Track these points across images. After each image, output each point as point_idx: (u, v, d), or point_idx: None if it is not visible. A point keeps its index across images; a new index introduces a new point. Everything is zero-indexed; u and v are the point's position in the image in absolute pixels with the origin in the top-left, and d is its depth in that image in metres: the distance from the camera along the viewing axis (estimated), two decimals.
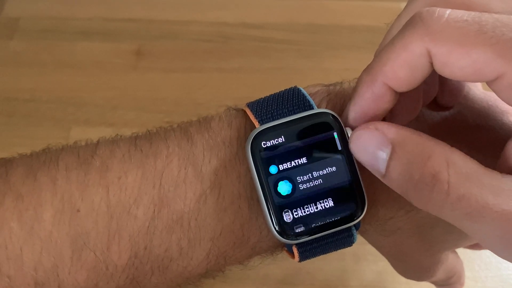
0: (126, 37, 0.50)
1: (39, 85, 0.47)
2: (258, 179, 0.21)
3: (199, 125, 0.22)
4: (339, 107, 0.22)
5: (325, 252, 0.22)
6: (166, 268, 0.21)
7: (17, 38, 0.50)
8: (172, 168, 0.21)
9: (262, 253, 0.23)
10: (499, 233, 0.18)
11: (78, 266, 0.20)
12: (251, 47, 0.49)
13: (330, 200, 0.21)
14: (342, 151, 0.21)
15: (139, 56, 0.49)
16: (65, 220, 0.20)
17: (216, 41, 0.50)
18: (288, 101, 0.22)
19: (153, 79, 0.48)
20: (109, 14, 0.52)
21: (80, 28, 0.51)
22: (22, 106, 0.46)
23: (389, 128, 0.19)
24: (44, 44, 0.50)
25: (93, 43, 0.50)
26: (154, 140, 0.22)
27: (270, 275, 0.37)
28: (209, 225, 0.21)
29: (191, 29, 0.51)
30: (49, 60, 0.49)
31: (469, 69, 0.18)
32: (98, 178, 0.21)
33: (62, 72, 0.48)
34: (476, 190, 0.17)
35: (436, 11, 0.18)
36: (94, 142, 0.22)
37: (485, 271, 0.37)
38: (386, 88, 0.19)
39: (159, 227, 0.21)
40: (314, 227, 0.21)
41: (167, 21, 0.51)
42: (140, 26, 0.51)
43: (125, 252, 0.21)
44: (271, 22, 0.51)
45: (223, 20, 0.51)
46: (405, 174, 0.19)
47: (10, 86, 0.47)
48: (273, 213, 0.21)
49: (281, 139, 0.21)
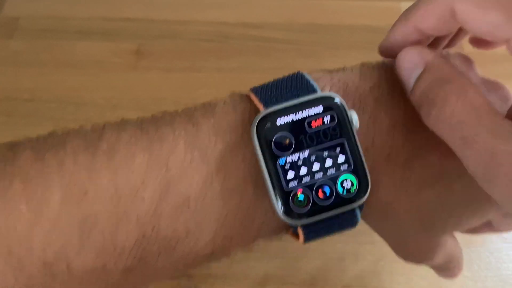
0: (126, 37, 0.50)
1: (39, 84, 0.47)
2: (263, 162, 0.21)
3: (204, 110, 0.23)
4: (342, 91, 0.23)
5: (329, 232, 0.22)
6: (173, 249, 0.22)
7: (17, 37, 0.50)
8: (179, 152, 0.21)
9: (267, 235, 0.24)
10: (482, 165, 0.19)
11: (86, 247, 0.20)
12: (251, 47, 0.49)
13: (335, 182, 0.21)
14: (347, 135, 0.21)
15: (139, 55, 0.49)
16: (73, 202, 0.20)
17: (216, 40, 0.50)
18: (292, 86, 0.22)
19: (153, 78, 0.48)
20: (108, 13, 0.52)
21: (79, 27, 0.51)
22: (21, 106, 0.46)
23: (428, 53, 0.22)
24: (44, 43, 0.50)
25: (93, 43, 0.50)
26: (160, 124, 0.22)
27: (270, 275, 0.37)
28: (215, 207, 0.21)
29: (191, 28, 0.51)
30: (48, 60, 0.49)
31: (485, 28, 0.20)
32: (106, 161, 0.21)
33: (61, 72, 0.48)
34: (474, 121, 0.19)
35: None
36: (100, 126, 0.22)
37: (485, 271, 0.37)
38: (415, 29, 0.23)
39: (166, 209, 0.21)
40: (319, 208, 0.21)
41: (167, 20, 0.51)
42: (140, 26, 0.51)
43: (133, 233, 0.21)
44: (271, 22, 0.51)
45: (223, 20, 0.51)
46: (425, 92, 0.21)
47: (9, 86, 0.47)
48: (278, 195, 0.21)
49: (285, 122, 0.21)
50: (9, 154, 0.21)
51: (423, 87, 0.21)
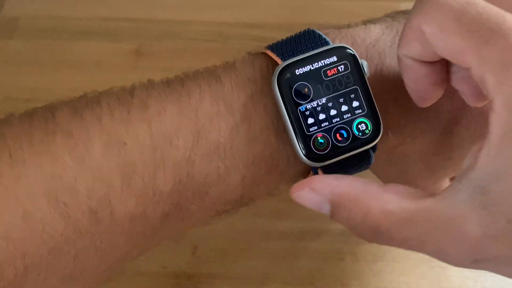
0: (125, 37, 0.50)
1: (39, 84, 0.47)
2: (285, 110, 0.23)
3: (224, 67, 0.25)
4: (350, 44, 0.25)
5: (347, 172, 0.24)
6: (206, 193, 0.23)
7: (17, 37, 0.50)
8: (205, 104, 0.23)
9: (289, 180, 0.25)
10: None
11: (128, 193, 0.22)
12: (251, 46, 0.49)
13: (351, 125, 0.23)
14: (359, 82, 0.23)
15: (139, 55, 0.49)
16: (114, 152, 0.22)
17: (216, 40, 0.50)
18: (305, 40, 0.24)
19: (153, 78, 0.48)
20: (108, 13, 0.52)
21: (79, 27, 0.51)
22: (21, 106, 0.45)
23: (324, 188, 0.22)
24: (44, 43, 0.50)
25: (93, 43, 0.50)
26: (186, 81, 0.24)
27: (270, 275, 0.37)
28: (242, 153, 0.23)
29: (191, 28, 0.51)
30: (48, 60, 0.49)
31: (448, 52, 0.20)
32: (140, 114, 0.22)
33: (61, 72, 0.48)
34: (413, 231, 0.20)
35: None
36: (130, 86, 0.24)
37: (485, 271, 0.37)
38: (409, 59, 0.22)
39: (198, 156, 0.23)
40: (338, 150, 0.23)
41: (166, 20, 0.51)
42: (139, 26, 0.51)
43: (170, 179, 0.22)
44: (271, 21, 0.51)
45: (223, 20, 0.51)
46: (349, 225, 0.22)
47: (9, 86, 0.47)
48: (300, 140, 0.23)
49: (303, 72, 0.23)
50: (48, 114, 0.23)
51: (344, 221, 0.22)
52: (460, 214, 0.19)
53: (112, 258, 0.23)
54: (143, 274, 0.37)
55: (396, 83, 0.25)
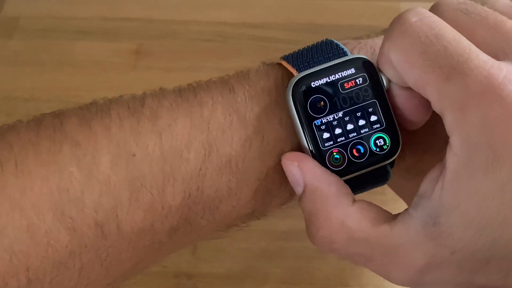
0: (125, 37, 0.50)
1: (39, 84, 0.47)
2: (299, 124, 0.22)
3: (238, 77, 0.24)
4: (370, 55, 0.24)
5: (364, 189, 0.23)
6: (216, 208, 0.23)
7: (17, 37, 0.50)
8: (218, 116, 0.22)
9: None
10: None
11: (136, 206, 0.21)
12: (251, 46, 0.49)
13: (369, 140, 0.22)
14: (378, 95, 0.22)
15: (139, 55, 0.49)
16: (122, 164, 0.21)
17: (216, 40, 0.50)
18: (322, 51, 0.23)
19: (153, 78, 0.48)
20: (108, 13, 0.52)
21: (79, 27, 0.51)
22: (21, 105, 0.46)
23: (307, 172, 0.22)
24: (44, 43, 0.50)
25: (93, 43, 0.50)
26: (198, 91, 0.23)
27: (269, 275, 0.37)
28: (255, 167, 0.23)
29: (190, 28, 0.51)
30: (48, 60, 0.49)
31: (411, 82, 0.20)
32: (150, 125, 0.22)
33: (61, 72, 0.48)
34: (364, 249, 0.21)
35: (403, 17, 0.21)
36: (141, 94, 0.23)
37: None
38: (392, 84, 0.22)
39: (209, 170, 0.22)
40: (354, 166, 0.22)
41: (166, 20, 0.51)
42: (139, 26, 0.51)
43: (179, 193, 0.22)
44: (271, 22, 0.51)
45: (222, 20, 0.51)
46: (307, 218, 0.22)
47: (9, 85, 0.47)
48: (316, 156, 0.22)
49: (319, 84, 0.22)
50: (56, 122, 0.22)
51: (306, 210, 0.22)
52: (409, 242, 0.20)
53: (118, 271, 0.23)
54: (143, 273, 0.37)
55: None
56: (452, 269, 0.20)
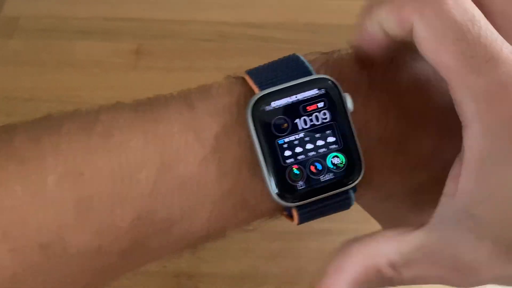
0: (125, 37, 0.50)
1: (39, 84, 0.47)
2: (258, 144, 0.21)
3: (199, 92, 0.23)
4: (337, 74, 0.23)
5: (324, 214, 0.23)
6: (168, 230, 0.22)
7: (17, 37, 0.50)
8: (174, 134, 0.21)
9: (262, 216, 0.24)
10: None
11: (82, 228, 0.20)
12: (251, 46, 0.49)
13: (329, 164, 0.22)
14: (340, 117, 0.22)
15: (139, 55, 0.49)
16: (69, 183, 0.20)
17: (216, 40, 0.50)
18: (287, 68, 0.23)
19: (153, 78, 0.48)
20: (108, 13, 0.52)
21: (79, 27, 0.51)
22: (21, 105, 0.46)
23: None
24: (44, 43, 0.50)
25: (93, 43, 0.50)
26: (155, 106, 0.22)
27: (269, 275, 0.37)
28: (210, 189, 0.22)
29: (190, 28, 0.51)
30: (48, 59, 0.49)
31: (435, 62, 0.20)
32: (101, 143, 0.21)
33: (61, 71, 0.48)
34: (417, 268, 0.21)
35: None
36: (95, 108, 0.22)
37: None
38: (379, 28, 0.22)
39: (161, 191, 0.21)
40: (313, 189, 0.22)
41: (166, 20, 0.51)
42: (139, 26, 0.51)
43: (128, 215, 0.21)
44: (271, 21, 0.51)
45: (223, 20, 0.51)
46: None
47: (9, 85, 0.47)
48: (273, 177, 0.21)
49: (280, 104, 0.22)
50: (4, 136, 0.21)
51: None
52: (450, 242, 0.20)
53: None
54: (143, 273, 0.37)
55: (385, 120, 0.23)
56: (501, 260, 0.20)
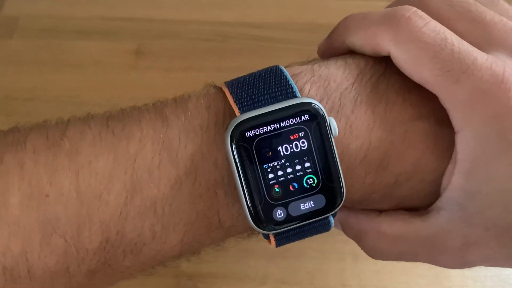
0: (125, 36, 0.50)
1: (38, 84, 0.47)
2: (236, 169, 0.20)
3: (175, 106, 0.22)
4: (323, 90, 0.22)
5: (301, 238, 0.22)
6: (139, 251, 0.21)
7: (17, 37, 0.50)
8: (146, 153, 0.20)
9: (238, 235, 0.23)
10: None
11: (48, 250, 0.20)
12: (250, 46, 0.49)
13: (310, 191, 0.21)
14: (323, 142, 0.21)
15: (139, 55, 0.49)
16: (33, 205, 0.19)
17: (216, 40, 0.50)
18: (270, 85, 0.21)
19: (153, 78, 0.48)
20: (108, 13, 0.52)
21: (79, 27, 0.51)
22: (21, 105, 0.46)
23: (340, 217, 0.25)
24: (44, 43, 0.50)
25: (93, 42, 0.50)
26: (127, 121, 0.21)
27: (269, 275, 0.37)
28: (183, 211, 0.21)
29: (190, 28, 0.51)
30: (48, 59, 0.49)
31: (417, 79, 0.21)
32: (68, 162, 0.20)
33: (61, 71, 0.48)
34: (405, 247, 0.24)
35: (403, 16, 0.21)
36: (65, 121, 0.22)
37: (485, 271, 0.37)
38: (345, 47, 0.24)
39: (131, 213, 0.20)
40: (292, 217, 0.21)
41: (166, 20, 0.51)
42: (139, 25, 0.51)
43: (96, 237, 0.20)
44: (271, 21, 0.51)
45: (222, 20, 0.51)
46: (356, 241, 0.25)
47: (9, 85, 0.47)
48: (250, 203, 0.21)
49: (261, 129, 0.21)
50: None
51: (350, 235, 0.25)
52: (442, 229, 0.22)
53: None
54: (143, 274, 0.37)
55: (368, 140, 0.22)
56: (492, 244, 0.22)
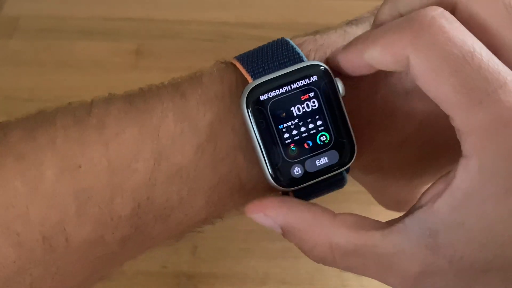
0: (125, 37, 0.50)
1: (39, 84, 0.47)
2: (253, 131, 0.22)
3: (190, 81, 0.23)
4: (326, 56, 0.23)
5: (318, 194, 0.23)
6: (168, 216, 0.22)
7: (17, 37, 0.50)
8: (168, 123, 0.22)
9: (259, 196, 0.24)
10: None
11: (84, 219, 0.21)
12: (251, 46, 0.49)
13: (324, 148, 0.22)
14: (333, 102, 0.22)
15: (139, 55, 0.49)
16: (68, 176, 0.21)
17: (216, 40, 0.50)
18: (278, 54, 0.23)
19: (153, 78, 0.47)
20: (108, 13, 0.52)
21: (79, 27, 0.51)
22: (21, 105, 0.46)
23: (276, 216, 0.22)
24: (44, 43, 0.50)
25: (93, 43, 0.50)
26: (148, 96, 0.23)
27: (269, 275, 0.37)
28: (207, 175, 0.22)
29: (191, 28, 0.51)
30: (48, 59, 0.49)
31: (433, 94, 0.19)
32: (96, 135, 0.21)
33: (61, 72, 0.48)
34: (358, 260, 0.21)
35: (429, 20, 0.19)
36: (88, 101, 0.23)
37: None
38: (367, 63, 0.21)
39: (159, 179, 0.22)
40: (308, 174, 0.22)
41: (167, 20, 0.51)
42: (140, 26, 0.51)
43: (128, 203, 0.21)
44: (271, 21, 0.51)
45: (223, 20, 0.51)
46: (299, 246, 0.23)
47: (9, 85, 0.47)
48: (269, 163, 0.22)
49: (274, 92, 0.22)
50: (0, 133, 0.21)
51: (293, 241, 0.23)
52: (402, 251, 0.20)
53: (71, 284, 0.22)
54: (143, 274, 0.37)
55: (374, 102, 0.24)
56: (449, 277, 0.20)
